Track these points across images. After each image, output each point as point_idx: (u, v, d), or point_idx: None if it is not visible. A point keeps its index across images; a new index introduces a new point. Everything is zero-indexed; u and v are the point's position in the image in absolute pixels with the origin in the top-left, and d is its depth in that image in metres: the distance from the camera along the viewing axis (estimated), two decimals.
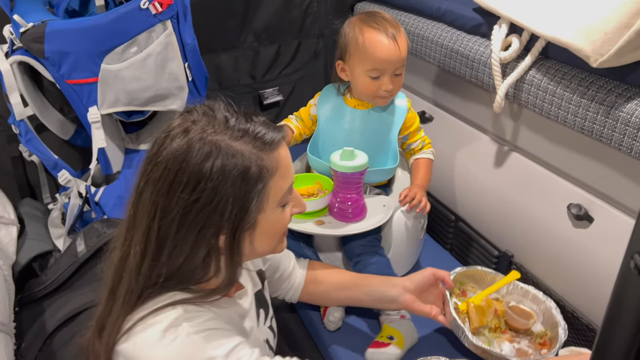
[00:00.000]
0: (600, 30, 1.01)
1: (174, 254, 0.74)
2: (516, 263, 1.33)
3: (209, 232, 0.73)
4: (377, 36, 1.22)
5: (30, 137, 1.43)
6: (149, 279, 0.76)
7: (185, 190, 0.71)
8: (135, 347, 0.73)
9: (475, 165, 1.43)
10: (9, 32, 1.37)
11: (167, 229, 0.73)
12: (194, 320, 0.73)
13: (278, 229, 0.81)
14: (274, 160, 0.76)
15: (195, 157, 0.71)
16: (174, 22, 1.36)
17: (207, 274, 0.78)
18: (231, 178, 0.71)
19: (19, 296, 1.34)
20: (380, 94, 1.27)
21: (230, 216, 0.73)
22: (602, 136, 1.04)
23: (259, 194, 0.74)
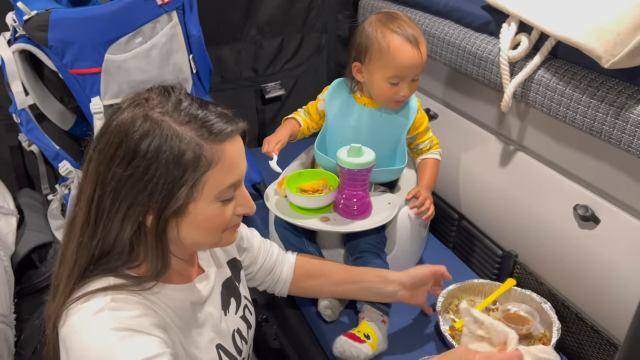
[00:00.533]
0: (613, 31, 1.00)
1: (108, 229, 0.75)
2: (520, 263, 1.32)
3: (137, 210, 0.73)
4: (402, 43, 1.20)
5: (31, 126, 1.42)
6: (88, 251, 0.76)
7: (122, 164, 0.72)
8: (65, 329, 0.73)
9: (480, 164, 1.43)
10: (12, 20, 1.35)
11: (104, 201, 0.74)
12: (119, 313, 0.72)
13: (213, 223, 0.79)
14: (216, 152, 0.74)
15: (135, 132, 0.72)
16: (180, 13, 1.35)
17: (136, 256, 0.78)
18: (164, 160, 0.71)
19: (18, 287, 1.33)
20: (397, 98, 1.26)
21: (158, 198, 0.72)
22: (612, 137, 1.03)
23: (192, 183, 0.73)
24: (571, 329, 1.20)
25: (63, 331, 0.74)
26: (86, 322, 0.72)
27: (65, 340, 0.73)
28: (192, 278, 0.89)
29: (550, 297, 1.23)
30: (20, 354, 1.21)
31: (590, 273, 1.13)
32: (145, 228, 0.75)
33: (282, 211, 1.27)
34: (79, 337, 0.71)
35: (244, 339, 0.97)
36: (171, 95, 0.76)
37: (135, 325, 0.72)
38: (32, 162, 1.68)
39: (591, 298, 1.14)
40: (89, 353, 0.70)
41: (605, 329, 1.12)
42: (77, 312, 0.73)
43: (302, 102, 2.04)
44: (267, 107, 2.02)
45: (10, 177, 1.68)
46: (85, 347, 0.70)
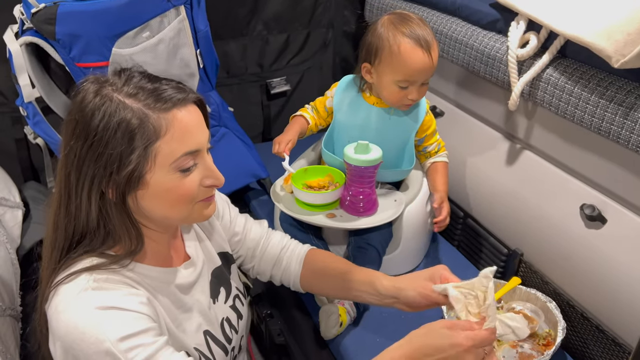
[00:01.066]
0: (623, 30, 1.00)
1: (79, 207, 0.77)
2: (525, 262, 1.33)
3: (97, 183, 0.76)
4: (413, 47, 1.18)
5: (38, 119, 1.41)
6: (66, 233, 0.79)
7: (79, 140, 0.75)
8: (50, 310, 0.76)
9: (487, 163, 1.43)
10: (19, 12, 1.34)
11: (72, 178, 0.77)
12: (102, 293, 0.74)
13: (177, 195, 0.79)
14: (164, 120, 0.75)
15: (87, 108, 0.75)
16: (187, 7, 1.35)
17: (112, 234, 0.79)
18: (113, 130, 0.74)
19: (24, 280, 1.33)
20: (406, 102, 1.25)
21: (112, 168, 0.75)
22: (620, 138, 1.03)
23: (141, 150, 0.74)
24: (576, 328, 1.20)
25: (49, 312, 0.76)
26: (70, 302, 0.74)
27: (50, 320, 0.75)
28: (178, 264, 0.90)
29: (556, 296, 1.23)
30: (26, 346, 1.22)
31: (596, 273, 1.13)
32: (110, 203, 0.78)
33: (288, 207, 1.27)
34: (63, 317, 0.73)
35: (233, 328, 0.98)
36: (125, 73, 0.79)
37: (119, 303, 0.74)
38: (38, 155, 1.68)
39: (597, 298, 1.14)
40: (73, 332, 0.71)
41: (610, 329, 1.12)
42: (61, 293, 0.75)
43: (307, 97, 2.04)
44: (272, 103, 2.01)
45: (16, 169, 1.68)
46: (70, 326, 0.72)
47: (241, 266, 1.12)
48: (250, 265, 1.11)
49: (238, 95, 1.92)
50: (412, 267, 1.38)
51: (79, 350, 0.71)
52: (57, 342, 0.74)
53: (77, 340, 0.71)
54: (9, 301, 1.17)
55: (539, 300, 1.20)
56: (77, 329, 0.72)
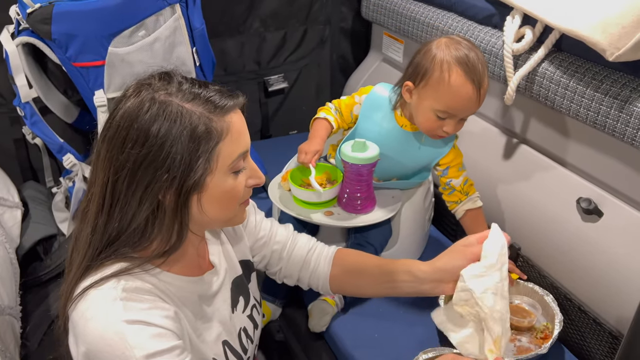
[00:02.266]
0: (618, 23, 1.00)
1: (125, 210, 0.77)
2: (523, 256, 1.33)
3: (155, 188, 0.75)
4: (465, 81, 1.09)
5: (35, 119, 1.42)
6: (102, 235, 0.78)
7: (136, 146, 0.74)
8: (76, 315, 0.75)
9: (483, 158, 1.43)
10: (15, 13, 1.34)
11: (121, 185, 0.76)
12: (131, 304, 0.74)
13: (230, 195, 0.81)
14: (224, 124, 0.77)
15: (145, 114, 0.74)
16: (183, 6, 1.34)
17: (150, 234, 0.79)
18: (179, 135, 0.74)
19: (23, 280, 1.34)
20: (439, 133, 1.17)
21: (176, 173, 0.75)
22: (615, 130, 1.03)
23: (207, 155, 0.76)
24: (574, 321, 1.21)
25: (74, 316, 0.75)
26: (99, 310, 0.74)
27: (76, 325, 0.75)
28: (203, 272, 0.89)
29: (553, 289, 1.24)
30: (26, 345, 1.22)
31: (593, 266, 1.13)
32: (163, 206, 0.77)
33: (286, 205, 1.27)
34: (91, 326, 0.73)
35: (249, 338, 0.97)
36: (172, 78, 0.79)
37: (147, 318, 0.74)
38: (36, 155, 1.68)
39: (594, 291, 1.15)
40: (99, 342, 0.71)
41: (607, 322, 1.13)
42: (89, 299, 0.75)
43: (305, 94, 2.05)
44: (270, 100, 2.01)
45: (15, 170, 1.69)
46: (97, 337, 0.72)
47: (267, 270, 1.10)
48: (277, 268, 1.08)
49: None
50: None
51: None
52: (82, 346, 0.73)
53: (103, 351, 0.71)
54: (9, 301, 1.18)
55: (537, 293, 1.20)
56: (103, 339, 0.71)
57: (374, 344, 1.16)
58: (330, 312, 1.20)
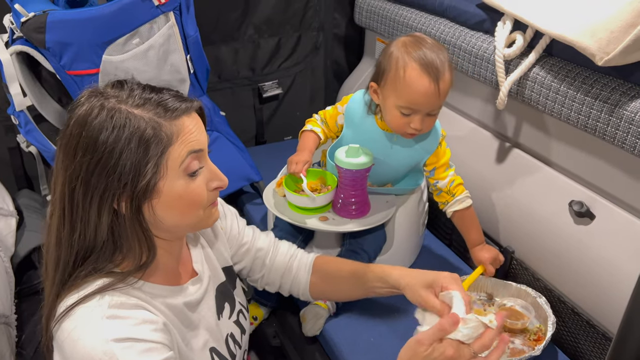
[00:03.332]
0: (606, 28, 1.01)
1: (85, 221, 0.76)
2: (517, 259, 1.34)
3: (109, 196, 0.75)
4: (420, 74, 1.09)
5: (30, 128, 1.42)
6: (71, 249, 0.77)
7: (87, 153, 0.74)
8: (61, 335, 0.74)
9: (477, 162, 1.44)
10: (9, 22, 1.35)
11: (77, 194, 0.75)
12: (118, 322, 0.73)
13: (189, 200, 0.80)
14: (174, 128, 0.76)
15: (94, 121, 0.74)
16: (177, 13, 1.35)
17: (120, 249, 0.78)
18: (127, 141, 0.73)
19: (18, 288, 1.34)
20: (408, 130, 1.16)
21: (127, 179, 0.74)
22: (606, 134, 1.04)
23: (156, 159, 0.75)
24: (567, 323, 1.22)
25: (59, 336, 0.74)
26: (85, 330, 0.72)
27: (62, 346, 0.73)
28: (186, 280, 0.89)
29: (547, 292, 1.25)
30: (22, 354, 1.22)
31: (586, 268, 1.14)
32: (122, 216, 0.76)
33: (281, 211, 1.28)
34: (79, 347, 0.71)
35: (237, 344, 0.97)
36: (124, 85, 0.79)
37: (136, 334, 0.73)
38: (31, 163, 1.68)
39: (587, 293, 1.15)
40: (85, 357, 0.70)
41: (600, 324, 1.13)
42: (75, 319, 0.73)
43: (299, 100, 2.06)
44: (264, 106, 2.02)
45: (10, 178, 1.69)
46: (85, 356, 0.70)
47: (248, 277, 1.11)
48: (259, 275, 1.09)
49: (230, 99, 1.93)
50: (405, 266, 1.38)
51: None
52: None
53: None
54: (4, 309, 1.18)
55: (529, 296, 1.21)
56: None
57: (370, 349, 1.16)
58: (323, 316, 1.20)
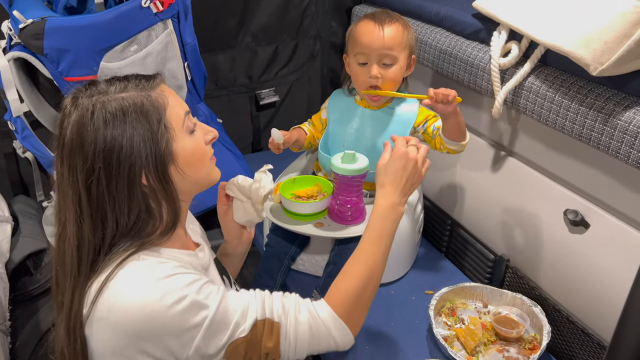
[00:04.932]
0: (600, 39, 1.02)
1: (117, 211, 0.81)
2: (512, 267, 1.34)
3: (136, 173, 0.81)
4: (367, 22, 1.26)
5: (26, 134, 1.42)
6: (94, 246, 0.81)
7: (98, 145, 0.78)
8: (106, 302, 0.77)
9: (472, 170, 1.44)
10: (7, 28, 1.35)
11: (97, 187, 0.80)
12: (160, 267, 0.80)
13: (199, 154, 0.89)
14: (160, 94, 0.84)
15: (92, 117, 0.79)
16: (175, 21, 1.36)
17: (156, 220, 0.85)
18: (132, 119, 0.80)
19: (13, 294, 1.33)
20: (369, 82, 1.26)
21: (147, 152, 0.81)
22: (600, 144, 1.05)
23: (162, 124, 0.82)
24: (562, 332, 1.22)
25: (105, 303, 0.77)
26: (133, 287, 0.77)
27: (112, 311, 0.76)
28: (194, 249, 0.96)
29: (542, 300, 1.25)
30: None
31: (581, 277, 1.15)
32: (152, 189, 0.83)
33: (277, 217, 1.28)
34: (132, 300, 0.76)
35: None
36: (97, 82, 0.85)
37: (178, 271, 0.80)
38: (27, 169, 1.68)
39: (581, 301, 1.16)
40: (147, 310, 0.75)
41: (595, 332, 1.14)
42: (117, 284, 0.78)
43: (296, 108, 2.07)
44: (261, 114, 2.03)
45: (5, 184, 1.68)
46: (141, 307, 0.75)
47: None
48: None
49: (227, 106, 1.94)
50: (400, 274, 1.39)
51: (158, 322, 0.76)
52: (126, 327, 0.76)
53: (156, 316, 0.75)
54: None
55: (525, 304, 1.21)
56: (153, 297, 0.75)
57: (365, 357, 1.16)
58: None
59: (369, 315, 1.25)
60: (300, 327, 0.87)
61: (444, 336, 1.17)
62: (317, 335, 0.88)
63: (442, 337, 1.15)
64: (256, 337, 0.83)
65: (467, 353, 1.15)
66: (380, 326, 1.23)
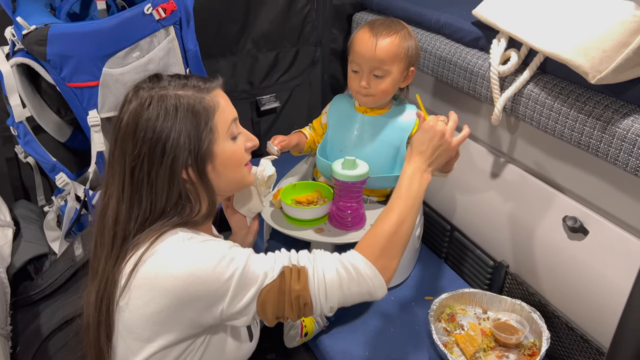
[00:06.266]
0: (599, 47, 1.03)
1: (154, 194, 0.88)
2: (512, 273, 1.34)
3: (179, 166, 0.88)
4: (363, 31, 1.27)
5: (29, 139, 1.43)
6: (129, 224, 0.89)
7: (147, 133, 0.86)
8: (148, 270, 0.84)
9: (472, 176, 1.45)
10: (10, 34, 1.36)
11: (139, 171, 0.87)
12: (196, 237, 0.88)
13: (236, 158, 0.95)
14: (214, 99, 0.92)
15: (148, 107, 0.87)
16: (177, 28, 1.37)
17: (194, 207, 0.92)
18: (182, 116, 0.88)
19: (14, 299, 1.33)
20: (360, 90, 1.29)
21: (190, 147, 0.88)
22: (599, 151, 1.06)
23: (208, 126, 0.89)
24: (561, 338, 1.22)
25: (144, 271, 0.84)
26: (170, 254, 0.84)
27: (158, 277, 0.83)
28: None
29: (541, 307, 1.25)
30: None
31: (580, 283, 1.15)
32: (191, 180, 0.90)
33: (277, 222, 1.29)
34: (175, 265, 0.83)
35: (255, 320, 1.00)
36: (162, 76, 0.93)
37: (210, 239, 0.89)
38: (29, 174, 1.69)
39: (580, 308, 1.16)
40: (189, 270, 0.83)
41: (594, 339, 1.14)
42: (154, 254, 0.84)
43: (297, 114, 2.07)
44: (262, 119, 2.04)
45: (7, 188, 1.69)
46: (187, 267, 0.83)
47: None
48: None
49: None
50: (400, 281, 1.40)
51: (201, 280, 0.82)
52: (169, 292, 0.82)
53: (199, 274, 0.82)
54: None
55: (524, 310, 1.22)
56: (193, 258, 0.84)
57: None
58: (294, 326, 1.22)
59: (368, 321, 1.26)
60: (328, 269, 0.89)
61: (443, 342, 1.18)
62: (347, 277, 0.89)
63: (442, 343, 1.16)
64: (284, 282, 0.87)
65: (466, 359, 1.15)
66: (380, 332, 1.24)
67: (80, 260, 1.27)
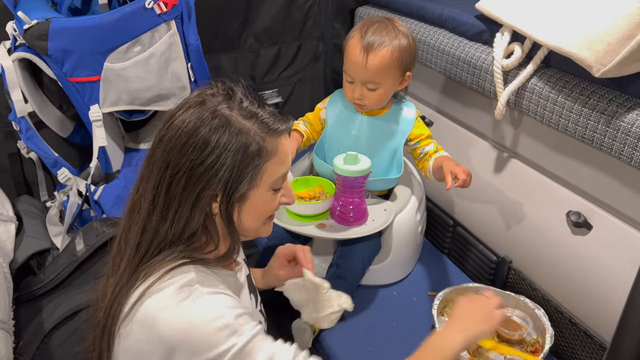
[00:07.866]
0: (603, 41, 1.02)
1: (178, 214, 0.82)
2: (514, 269, 1.34)
3: (206, 195, 0.81)
4: (355, 44, 1.23)
5: (30, 134, 1.43)
6: (154, 234, 0.83)
7: (195, 151, 0.80)
8: (149, 308, 0.78)
9: (474, 171, 1.44)
10: (12, 29, 1.36)
11: (176, 186, 0.81)
12: (206, 283, 0.80)
13: (266, 209, 0.89)
14: (274, 145, 0.84)
15: (208, 124, 0.80)
16: (178, 22, 1.36)
17: (207, 240, 0.86)
18: (234, 150, 0.80)
19: (16, 294, 1.33)
20: (355, 100, 1.28)
21: (226, 183, 0.81)
22: (603, 145, 1.05)
23: (254, 170, 0.82)
24: (565, 334, 1.22)
25: (146, 308, 0.78)
26: (175, 294, 0.78)
27: (155, 319, 0.77)
28: (234, 267, 0.97)
29: (544, 302, 1.25)
30: None
31: (583, 278, 1.14)
32: (213, 214, 0.84)
33: (279, 218, 1.28)
34: (170, 311, 0.77)
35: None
36: (235, 93, 0.85)
37: (222, 290, 0.81)
38: (31, 169, 1.69)
39: (584, 303, 1.16)
40: (192, 323, 0.76)
41: (598, 334, 1.14)
42: (163, 289, 0.78)
43: (299, 109, 2.07)
44: None
45: (9, 184, 1.69)
46: (183, 316, 0.76)
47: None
48: None
49: None
50: (402, 276, 1.39)
51: (195, 336, 0.76)
52: (162, 340, 0.76)
53: (196, 331, 0.75)
54: (1, 315, 1.17)
55: (528, 307, 1.21)
56: (192, 315, 0.76)
57: (368, 358, 1.16)
58: (307, 329, 1.19)
59: (370, 316, 1.26)
60: None
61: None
62: None
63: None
64: None
65: (469, 354, 1.14)
66: (382, 327, 1.23)
67: (82, 255, 1.27)
